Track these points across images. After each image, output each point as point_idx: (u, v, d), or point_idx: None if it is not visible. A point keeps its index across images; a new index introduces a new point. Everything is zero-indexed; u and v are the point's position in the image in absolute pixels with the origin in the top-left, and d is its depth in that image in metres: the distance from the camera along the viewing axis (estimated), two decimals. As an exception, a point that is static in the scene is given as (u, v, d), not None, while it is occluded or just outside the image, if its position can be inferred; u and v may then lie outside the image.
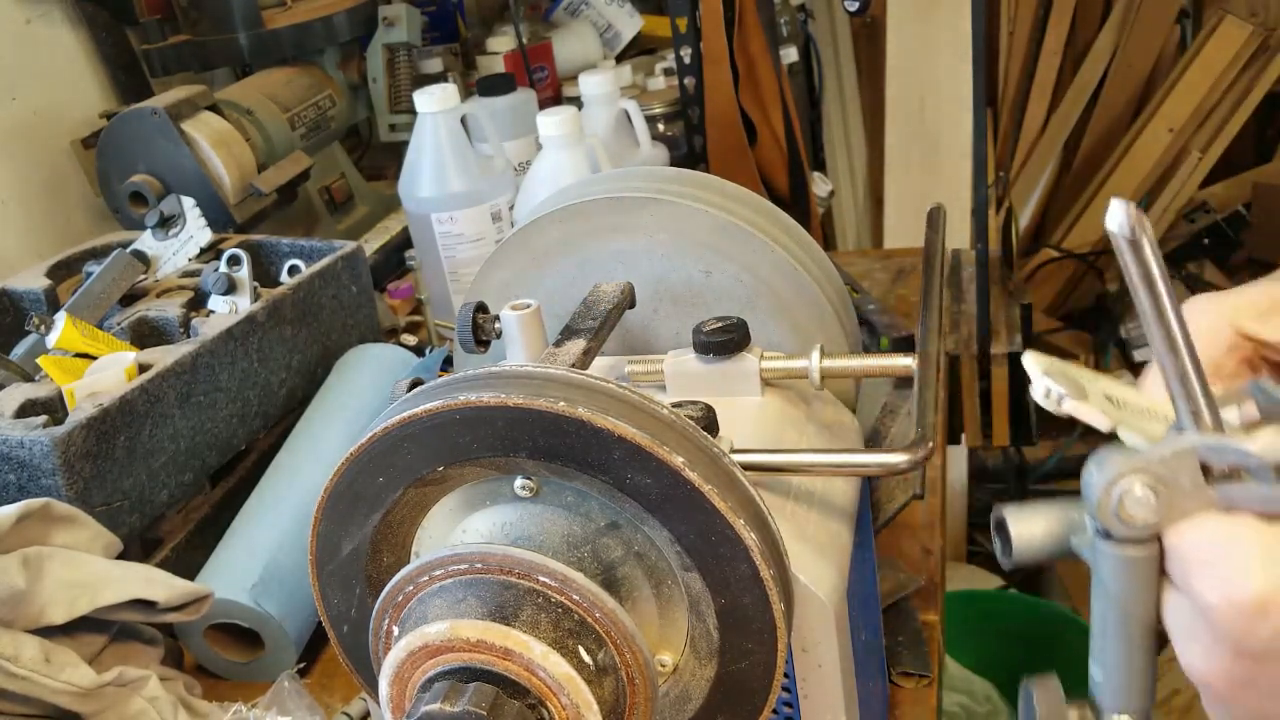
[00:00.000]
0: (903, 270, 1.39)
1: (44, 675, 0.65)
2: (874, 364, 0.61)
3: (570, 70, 1.75)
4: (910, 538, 0.89)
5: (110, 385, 0.82)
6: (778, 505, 0.55)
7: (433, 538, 0.52)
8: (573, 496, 0.49)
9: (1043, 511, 0.41)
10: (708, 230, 0.67)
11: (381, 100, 1.54)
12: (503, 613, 0.44)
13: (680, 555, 0.47)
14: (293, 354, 0.98)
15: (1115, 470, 0.37)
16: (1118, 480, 0.37)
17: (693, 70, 1.43)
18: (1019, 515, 0.41)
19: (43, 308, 1.01)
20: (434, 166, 1.22)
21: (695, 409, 0.52)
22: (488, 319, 0.63)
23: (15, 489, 0.77)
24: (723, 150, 1.45)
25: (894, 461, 0.53)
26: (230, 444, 0.92)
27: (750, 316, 0.64)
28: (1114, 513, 0.37)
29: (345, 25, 1.47)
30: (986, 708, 1.88)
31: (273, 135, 1.31)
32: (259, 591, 0.80)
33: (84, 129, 1.30)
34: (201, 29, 1.39)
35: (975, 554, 2.34)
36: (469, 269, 1.23)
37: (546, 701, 0.44)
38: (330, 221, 1.45)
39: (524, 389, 0.46)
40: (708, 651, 0.49)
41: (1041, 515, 0.41)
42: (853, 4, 0.85)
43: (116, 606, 0.70)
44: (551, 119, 1.16)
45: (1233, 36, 2.36)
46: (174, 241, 1.06)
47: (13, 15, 1.26)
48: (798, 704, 0.55)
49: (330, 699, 0.80)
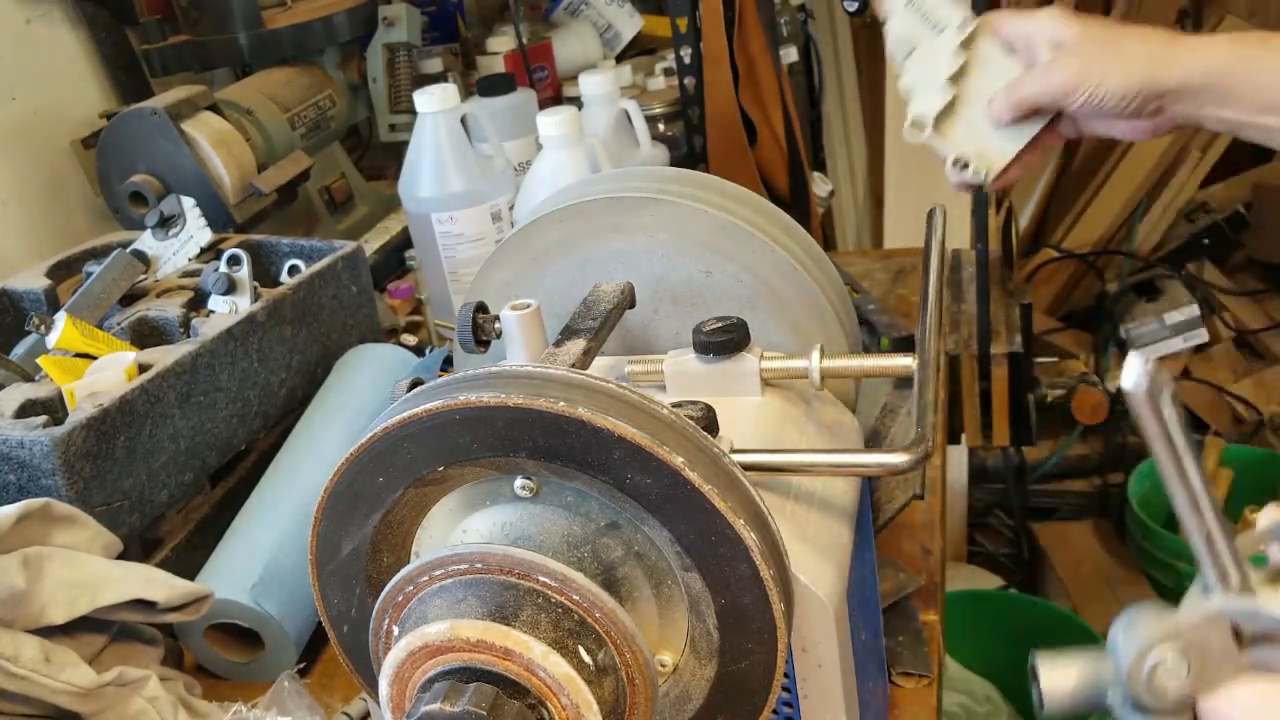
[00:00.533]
0: (903, 270, 1.39)
1: (44, 675, 0.65)
2: (874, 364, 0.61)
3: (570, 70, 1.75)
4: (910, 538, 0.89)
5: (110, 385, 0.82)
6: (778, 505, 0.55)
7: (433, 538, 0.52)
8: (573, 496, 0.49)
9: (1076, 663, 0.40)
10: (708, 230, 0.67)
11: (381, 100, 1.54)
12: (503, 613, 0.44)
13: (680, 555, 0.47)
14: (293, 354, 0.98)
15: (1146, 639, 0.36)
16: (1149, 651, 0.36)
17: (693, 70, 1.42)
18: (1051, 665, 0.40)
19: (43, 308, 1.01)
20: (434, 166, 1.22)
21: (695, 409, 0.52)
22: (488, 319, 0.63)
23: (15, 489, 0.77)
24: (723, 150, 1.45)
25: (894, 461, 0.53)
26: (230, 444, 0.93)
27: (750, 316, 0.64)
28: (1146, 685, 0.36)
29: (345, 25, 1.47)
30: (986, 708, 1.88)
31: (273, 135, 1.31)
32: (259, 591, 0.80)
33: (84, 129, 1.30)
34: (201, 29, 1.39)
35: (975, 554, 2.34)
36: (469, 269, 1.23)
37: (546, 701, 0.44)
38: (330, 221, 1.45)
39: (524, 389, 0.46)
40: (708, 651, 0.49)
41: (1074, 667, 0.40)
42: (852, 4, 0.85)
43: (116, 606, 0.70)
44: (551, 119, 1.16)
45: (1233, 36, 2.35)
46: (174, 241, 1.06)
47: (13, 15, 1.26)
48: (798, 704, 0.55)
49: (330, 699, 0.80)
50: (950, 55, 0.78)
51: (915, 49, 0.79)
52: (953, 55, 0.78)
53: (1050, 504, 2.37)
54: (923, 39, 0.79)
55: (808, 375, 0.61)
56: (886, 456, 0.53)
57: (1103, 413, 2.22)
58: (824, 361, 0.61)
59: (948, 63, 0.78)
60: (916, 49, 0.79)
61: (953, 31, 0.78)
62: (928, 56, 0.79)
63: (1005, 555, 2.34)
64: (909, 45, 0.79)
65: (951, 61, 0.78)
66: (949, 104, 0.79)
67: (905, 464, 0.53)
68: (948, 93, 0.79)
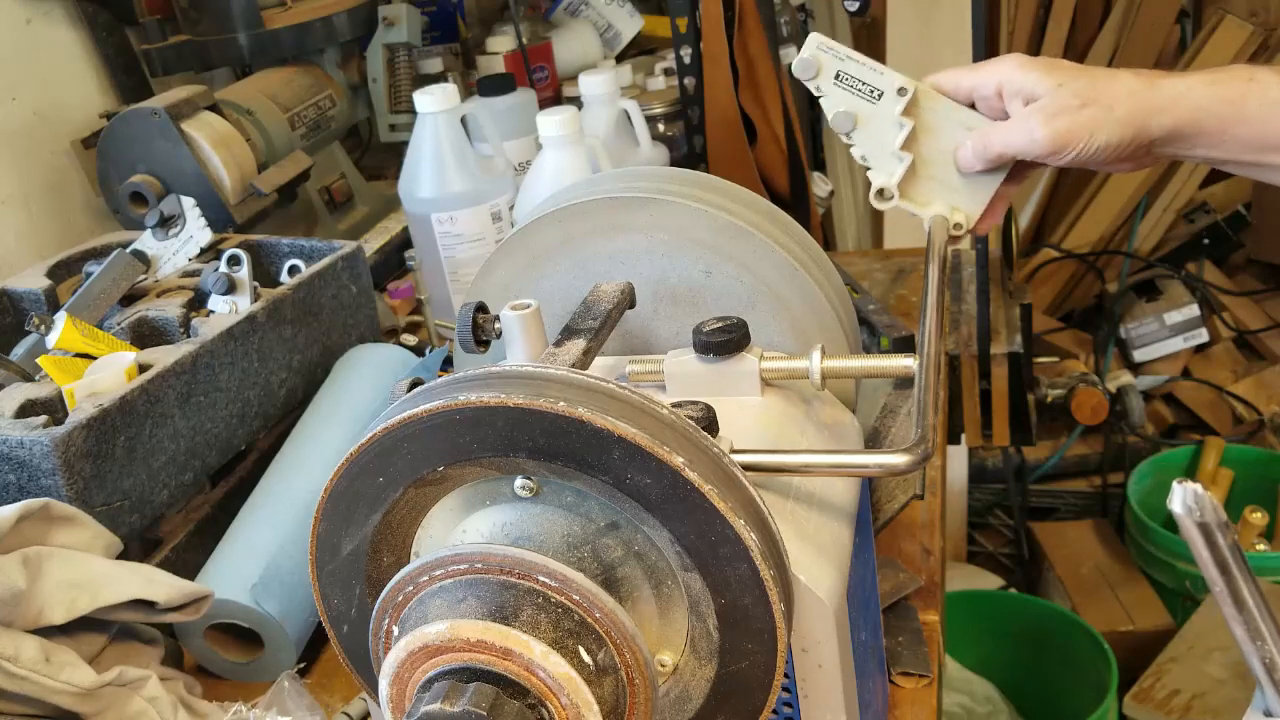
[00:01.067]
0: (903, 270, 1.39)
1: (44, 675, 0.65)
2: (874, 364, 0.61)
3: (570, 70, 1.75)
4: (910, 538, 0.89)
5: (110, 385, 0.82)
6: (778, 505, 0.55)
7: (433, 538, 0.52)
8: (573, 496, 0.49)
9: None
10: (708, 230, 0.67)
11: (381, 100, 1.54)
12: (503, 613, 0.44)
13: (680, 555, 0.47)
14: (293, 354, 0.98)
15: None
16: None
17: (693, 70, 1.42)
18: None
19: (43, 308, 1.01)
20: (434, 166, 1.22)
21: (695, 409, 0.52)
22: (488, 319, 0.63)
23: (15, 489, 0.77)
24: (723, 150, 1.45)
25: (894, 462, 0.53)
26: (230, 444, 0.93)
27: (750, 316, 0.64)
28: None
29: (345, 25, 1.47)
30: (986, 708, 1.88)
31: (273, 135, 1.31)
32: (259, 591, 0.80)
33: (84, 129, 1.30)
34: (201, 29, 1.39)
35: (975, 554, 2.34)
36: (469, 269, 1.23)
37: (546, 701, 0.44)
38: (330, 221, 1.45)
39: (524, 389, 0.46)
40: (708, 651, 0.49)
41: None
42: (853, 4, 0.86)
43: (116, 606, 0.70)
44: (551, 119, 1.16)
45: (1233, 36, 2.36)
46: (174, 241, 1.06)
47: (13, 15, 1.26)
48: (798, 704, 0.55)
49: (330, 699, 0.80)
50: (895, 121, 0.77)
51: (857, 121, 0.77)
52: (898, 121, 0.77)
53: (1050, 504, 2.37)
54: (861, 110, 0.77)
55: (808, 375, 0.61)
56: (887, 457, 0.53)
57: (1103, 413, 2.22)
58: (825, 362, 0.61)
59: (895, 129, 0.77)
60: (858, 121, 0.77)
61: (891, 96, 0.76)
62: (873, 126, 0.77)
63: (1005, 555, 2.34)
64: (850, 119, 0.77)
65: (898, 128, 0.77)
66: (909, 168, 0.77)
67: (906, 465, 0.53)
68: (904, 158, 0.77)
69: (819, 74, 0.77)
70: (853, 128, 0.77)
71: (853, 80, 0.76)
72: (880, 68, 0.76)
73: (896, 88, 0.76)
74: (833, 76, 0.76)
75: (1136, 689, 1.73)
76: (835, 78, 0.77)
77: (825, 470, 0.55)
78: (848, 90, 0.77)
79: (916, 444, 0.53)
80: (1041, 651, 1.90)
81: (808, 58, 0.76)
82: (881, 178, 0.78)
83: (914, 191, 0.78)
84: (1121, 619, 2.00)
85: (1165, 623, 1.97)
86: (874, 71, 0.76)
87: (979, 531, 2.37)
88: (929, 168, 0.78)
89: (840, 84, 0.77)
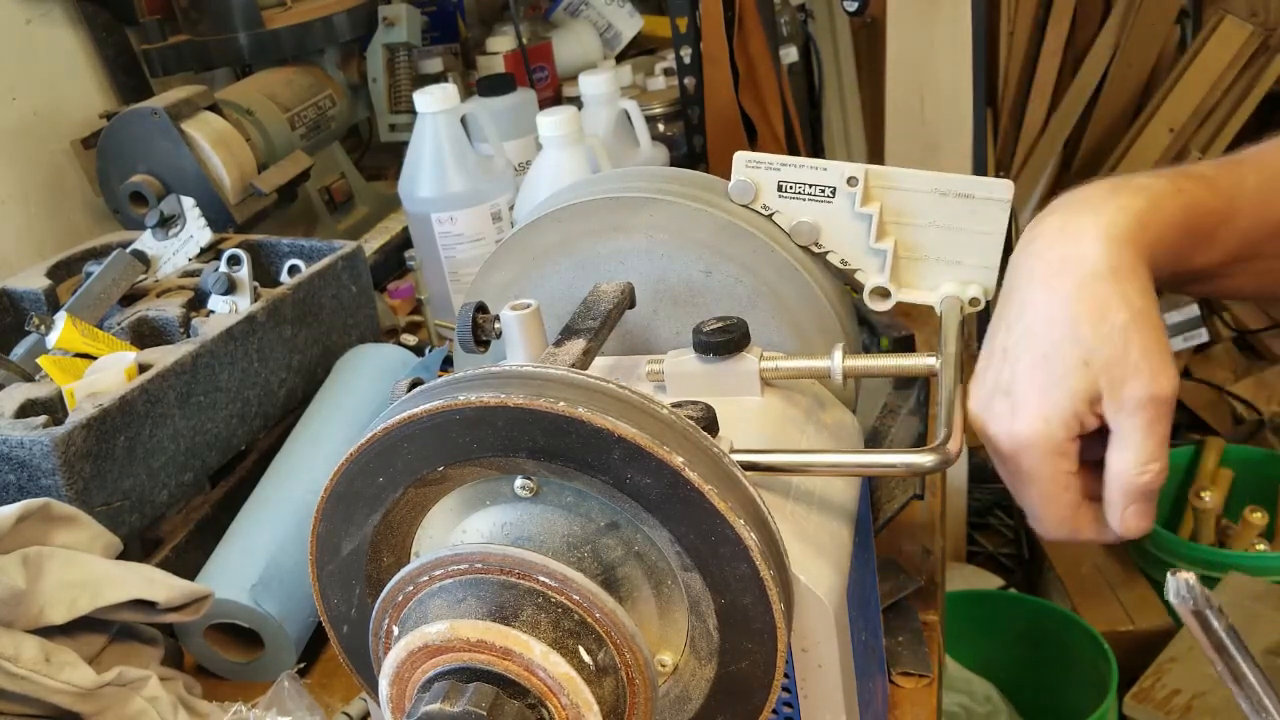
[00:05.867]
0: (903, 270, 1.39)
1: (44, 675, 0.65)
2: (896, 364, 0.61)
3: (570, 70, 1.75)
4: (910, 538, 0.89)
5: (110, 385, 0.82)
6: (778, 505, 0.55)
7: (433, 538, 0.52)
8: (573, 496, 0.49)
9: None
10: (708, 230, 0.67)
11: (381, 100, 1.54)
12: (503, 613, 0.44)
13: (680, 555, 0.47)
14: (293, 354, 0.98)
15: None
16: None
17: (693, 70, 1.42)
18: None
19: (43, 308, 1.01)
20: (434, 166, 1.22)
21: (695, 409, 0.52)
22: (488, 319, 0.63)
23: (15, 489, 0.77)
24: (723, 150, 1.44)
25: (921, 461, 0.52)
26: (230, 444, 0.93)
27: (750, 316, 0.64)
28: None
29: (345, 25, 1.47)
30: (986, 708, 1.88)
31: (273, 135, 1.31)
32: (259, 591, 0.80)
33: (84, 129, 1.30)
34: (201, 29, 1.39)
35: (975, 554, 2.34)
36: (469, 269, 1.23)
37: (546, 701, 0.44)
38: (330, 221, 1.45)
39: (524, 389, 0.46)
40: (708, 651, 0.49)
41: None
42: (852, 4, 0.85)
43: (116, 606, 0.70)
44: (551, 119, 1.16)
45: (1232, 36, 2.36)
46: (174, 241, 1.06)
47: (13, 15, 1.26)
48: (798, 704, 0.55)
49: (330, 699, 0.80)
50: (856, 216, 0.69)
51: (820, 228, 0.70)
52: (858, 215, 0.69)
53: (1050, 504, 2.36)
54: (819, 214, 0.70)
55: (829, 374, 0.61)
56: (914, 457, 0.53)
57: (1103, 413, 2.22)
58: (847, 360, 0.60)
59: (861, 226, 0.70)
60: (820, 227, 0.70)
61: (844, 192, 0.69)
62: (837, 227, 0.70)
63: (1005, 555, 2.34)
64: (812, 228, 0.70)
65: (863, 223, 0.70)
66: (895, 257, 0.70)
67: (932, 464, 0.52)
68: (884, 251, 0.70)
69: (758, 194, 0.70)
70: (818, 236, 0.70)
71: (797, 186, 0.70)
72: (822, 163, 0.69)
73: (845, 178, 0.69)
74: (775, 190, 0.70)
75: (1136, 689, 1.73)
76: (778, 190, 0.70)
77: (850, 470, 0.55)
78: (797, 199, 0.70)
79: (943, 443, 0.53)
80: (1041, 651, 1.90)
81: (742, 180, 0.69)
82: (872, 278, 0.71)
83: (913, 279, 0.71)
84: (1121, 619, 2.00)
85: (1165, 623, 1.97)
86: (815, 170, 0.69)
87: (979, 531, 2.37)
88: (918, 249, 0.71)
89: (786, 195, 0.70)
